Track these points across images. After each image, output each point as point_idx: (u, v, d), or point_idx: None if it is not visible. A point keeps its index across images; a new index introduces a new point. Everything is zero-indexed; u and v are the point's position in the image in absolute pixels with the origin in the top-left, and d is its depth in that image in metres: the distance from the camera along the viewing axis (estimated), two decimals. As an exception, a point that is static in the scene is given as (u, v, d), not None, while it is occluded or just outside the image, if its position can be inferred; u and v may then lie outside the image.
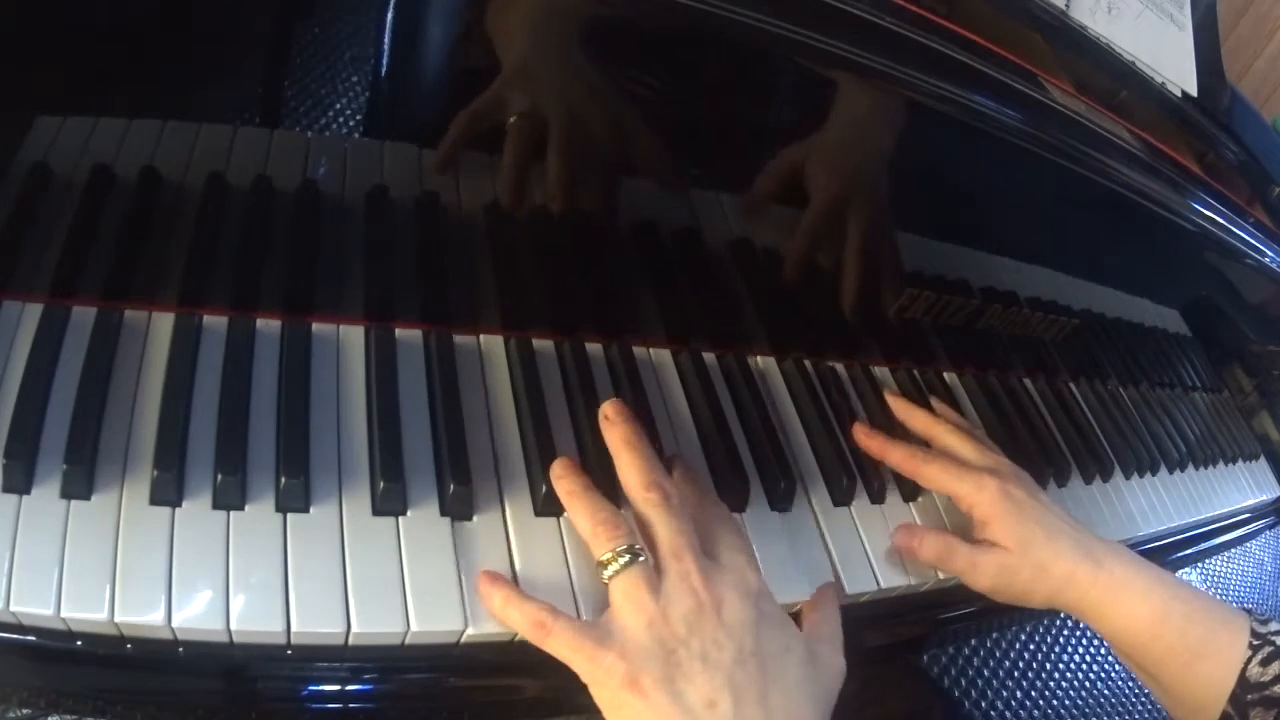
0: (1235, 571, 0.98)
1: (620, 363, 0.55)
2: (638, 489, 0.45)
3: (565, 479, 0.45)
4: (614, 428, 0.47)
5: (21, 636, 0.36)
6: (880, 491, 0.59)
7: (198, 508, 0.40)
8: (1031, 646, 0.72)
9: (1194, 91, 0.71)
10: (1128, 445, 0.81)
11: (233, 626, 0.37)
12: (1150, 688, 0.54)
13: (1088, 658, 0.75)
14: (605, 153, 0.48)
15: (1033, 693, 0.69)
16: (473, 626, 0.41)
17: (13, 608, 0.35)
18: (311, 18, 0.41)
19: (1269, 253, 0.75)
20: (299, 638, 0.39)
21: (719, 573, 0.43)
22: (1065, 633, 0.75)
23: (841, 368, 0.65)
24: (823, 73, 0.47)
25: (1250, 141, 0.84)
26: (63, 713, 0.38)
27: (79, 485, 0.38)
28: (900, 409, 0.64)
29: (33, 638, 0.36)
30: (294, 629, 0.38)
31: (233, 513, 0.40)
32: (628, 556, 0.42)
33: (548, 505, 0.46)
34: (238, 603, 0.38)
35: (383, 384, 0.47)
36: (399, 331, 0.50)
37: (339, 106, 0.43)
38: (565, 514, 0.46)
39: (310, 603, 0.39)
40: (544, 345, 0.54)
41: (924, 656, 0.65)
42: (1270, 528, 1.01)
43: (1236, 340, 1.00)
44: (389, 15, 0.41)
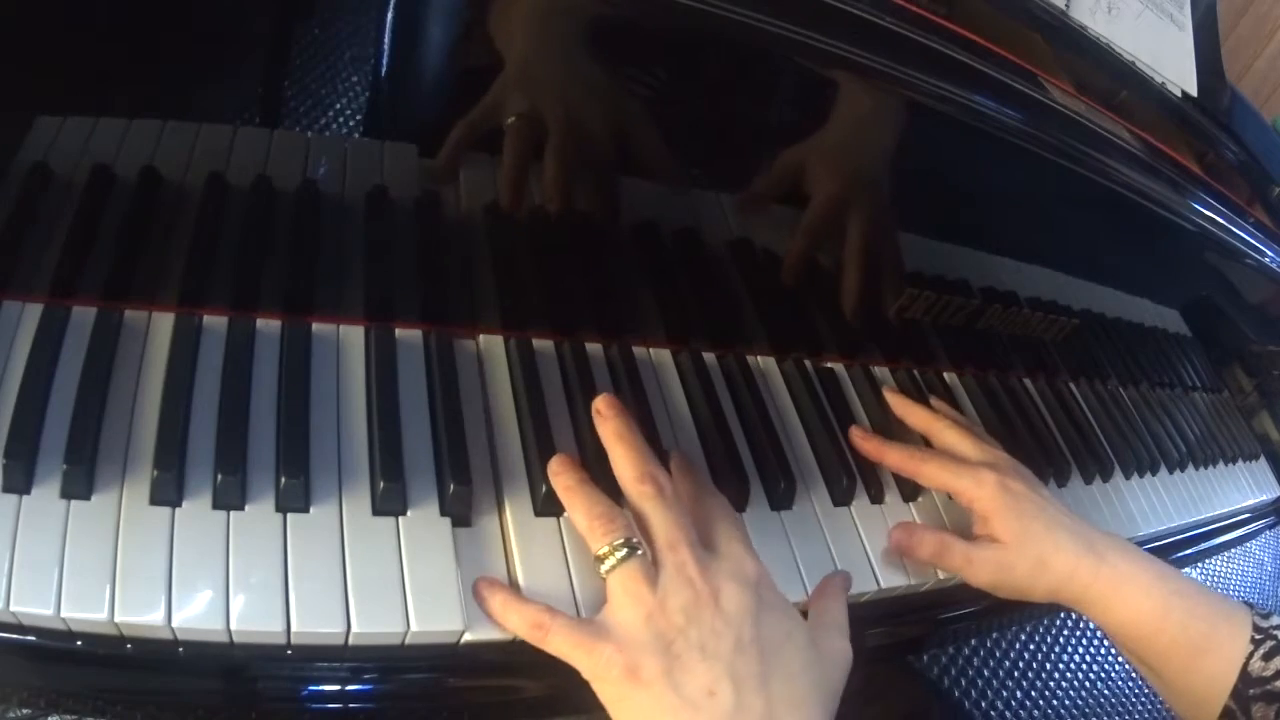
0: (1235, 571, 0.97)
1: (620, 363, 0.55)
2: (631, 481, 0.45)
3: (563, 474, 0.46)
4: (606, 422, 0.47)
5: (21, 636, 0.36)
6: (880, 492, 0.59)
7: (198, 508, 0.40)
8: (1031, 646, 0.72)
9: (1194, 91, 0.71)
10: (1128, 445, 0.81)
11: (233, 626, 0.37)
12: (1152, 682, 0.54)
13: (1088, 658, 0.75)
14: (606, 152, 0.48)
15: (1033, 693, 0.69)
16: (471, 631, 0.41)
17: (13, 608, 0.35)
18: (311, 18, 0.41)
19: (1269, 253, 0.75)
20: (299, 638, 0.39)
21: (716, 562, 0.43)
22: (1065, 633, 0.75)
23: (842, 368, 0.65)
24: (823, 73, 0.47)
25: (1250, 141, 0.83)
26: (63, 713, 0.38)
27: (79, 485, 0.38)
28: (899, 405, 0.64)
29: (33, 638, 0.36)
30: (294, 629, 0.38)
31: (233, 513, 0.40)
32: (624, 550, 0.42)
33: (548, 505, 0.46)
34: (238, 603, 0.38)
35: (383, 384, 0.47)
36: (399, 331, 0.50)
37: (339, 106, 0.43)
38: (565, 514, 0.46)
39: (310, 603, 0.39)
40: (544, 345, 0.54)
41: (924, 656, 0.65)
42: (1270, 528, 1.01)
43: (1236, 340, 1.00)
44: (389, 15, 0.41)
